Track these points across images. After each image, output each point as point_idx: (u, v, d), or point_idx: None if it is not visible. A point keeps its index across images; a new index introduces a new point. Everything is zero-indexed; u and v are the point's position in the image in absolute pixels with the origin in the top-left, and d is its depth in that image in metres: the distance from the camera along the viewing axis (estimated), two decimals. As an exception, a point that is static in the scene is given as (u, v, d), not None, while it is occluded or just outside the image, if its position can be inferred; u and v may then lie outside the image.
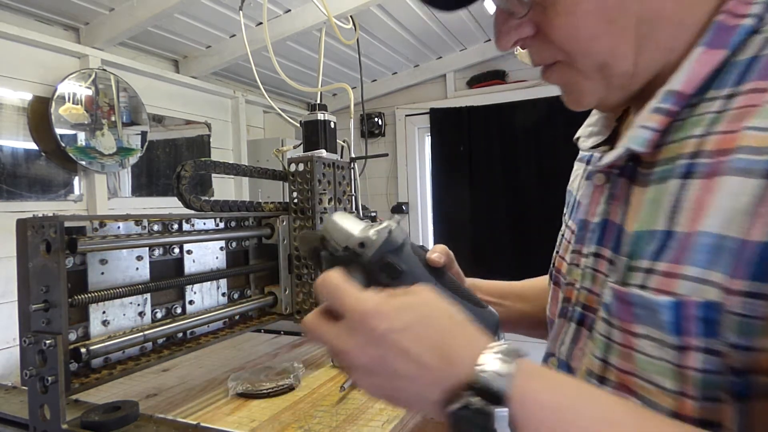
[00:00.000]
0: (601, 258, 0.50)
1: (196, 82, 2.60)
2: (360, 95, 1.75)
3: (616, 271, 0.46)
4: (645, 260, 0.43)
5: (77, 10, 1.96)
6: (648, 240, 0.43)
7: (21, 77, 1.86)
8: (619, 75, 0.46)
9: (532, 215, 3.07)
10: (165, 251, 1.00)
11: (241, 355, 1.32)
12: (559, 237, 0.67)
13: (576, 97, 0.50)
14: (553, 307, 0.62)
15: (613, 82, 0.47)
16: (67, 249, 0.77)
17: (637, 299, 0.42)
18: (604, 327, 0.46)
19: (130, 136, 2.19)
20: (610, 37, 0.44)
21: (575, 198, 0.62)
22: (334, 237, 0.48)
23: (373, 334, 0.39)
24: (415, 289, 0.43)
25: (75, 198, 2.06)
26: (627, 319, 0.43)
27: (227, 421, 0.90)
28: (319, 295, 0.43)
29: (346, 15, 1.97)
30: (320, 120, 1.27)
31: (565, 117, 2.95)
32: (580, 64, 0.46)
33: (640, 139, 0.45)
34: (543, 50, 0.48)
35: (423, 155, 3.58)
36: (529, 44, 0.49)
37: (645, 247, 0.43)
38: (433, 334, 0.39)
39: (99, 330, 0.86)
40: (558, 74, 0.49)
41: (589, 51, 0.45)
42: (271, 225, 1.21)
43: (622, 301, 0.44)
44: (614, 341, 0.45)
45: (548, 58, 0.49)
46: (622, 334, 0.44)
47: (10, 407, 0.91)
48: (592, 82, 0.47)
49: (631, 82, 0.47)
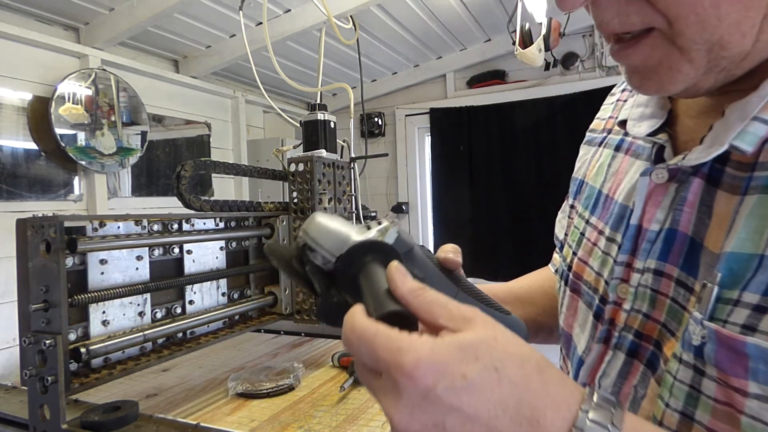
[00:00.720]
0: (665, 277, 0.41)
1: (196, 82, 2.60)
2: (360, 95, 1.75)
3: (699, 300, 0.36)
4: (750, 293, 0.33)
5: (77, 10, 1.96)
6: (751, 267, 0.34)
7: (21, 77, 1.86)
8: (730, 57, 0.35)
9: (532, 215, 3.07)
10: (165, 251, 1.00)
11: (241, 355, 1.32)
12: (570, 229, 0.58)
13: (661, 83, 0.37)
14: (570, 317, 0.54)
15: (719, 64, 0.35)
16: (67, 249, 0.77)
17: (755, 351, 0.32)
18: (688, 373, 0.37)
19: (130, 136, 2.19)
20: (740, 6, 0.32)
21: (600, 192, 0.53)
22: (323, 245, 0.38)
23: (427, 395, 0.28)
24: (470, 322, 0.31)
25: (75, 198, 2.06)
26: (734, 372, 0.34)
27: (227, 421, 0.90)
28: (350, 348, 0.32)
29: (346, 15, 1.97)
30: (320, 120, 1.27)
31: (565, 117, 2.96)
32: (684, 39, 0.34)
33: (752, 135, 0.35)
34: (629, 12, 0.35)
35: (423, 155, 3.58)
36: (605, 3, 0.36)
37: (747, 275, 0.34)
38: (508, 390, 0.29)
39: (99, 330, 0.86)
40: (648, 51, 0.36)
41: (708, 21, 0.33)
42: (271, 225, 1.21)
43: (729, 349, 0.34)
44: (705, 394, 0.36)
45: (636, 24, 0.36)
46: (720, 389, 0.35)
47: (10, 407, 0.91)
48: (692, 63, 0.35)
49: (739, 66, 0.35)
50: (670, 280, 0.41)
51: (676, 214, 0.41)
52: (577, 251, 0.54)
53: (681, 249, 0.40)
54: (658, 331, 0.41)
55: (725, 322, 0.34)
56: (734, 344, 0.33)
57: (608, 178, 0.53)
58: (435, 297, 0.33)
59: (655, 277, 0.42)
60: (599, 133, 0.59)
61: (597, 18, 0.37)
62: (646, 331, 0.43)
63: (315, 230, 0.38)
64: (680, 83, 0.37)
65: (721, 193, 0.38)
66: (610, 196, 0.51)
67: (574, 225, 0.57)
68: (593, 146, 0.60)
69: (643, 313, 0.43)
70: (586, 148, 0.61)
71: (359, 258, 0.37)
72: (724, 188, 0.38)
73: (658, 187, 0.43)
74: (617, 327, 0.45)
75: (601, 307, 0.48)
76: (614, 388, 0.45)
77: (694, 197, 0.40)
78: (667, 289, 0.41)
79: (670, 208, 0.41)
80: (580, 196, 0.58)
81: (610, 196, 0.51)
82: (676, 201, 0.41)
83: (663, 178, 0.42)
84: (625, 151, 0.52)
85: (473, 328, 0.31)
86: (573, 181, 0.63)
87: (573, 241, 0.56)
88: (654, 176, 0.43)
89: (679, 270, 0.40)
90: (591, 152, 0.59)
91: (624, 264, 0.45)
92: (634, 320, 0.43)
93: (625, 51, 0.38)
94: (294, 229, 1.20)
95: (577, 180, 0.61)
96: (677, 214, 0.40)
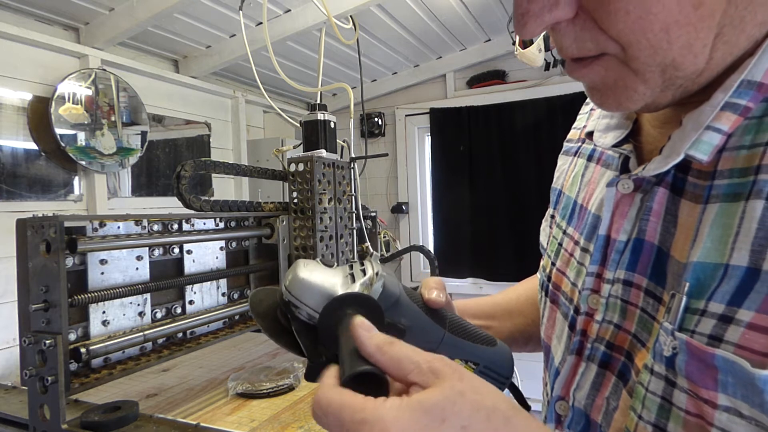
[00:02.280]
0: (635, 288, 0.41)
1: (196, 82, 2.60)
2: (360, 95, 1.74)
3: (668, 310, 0.37)
4: (715, 303, 0.34)
5: (77, 10, 1.96)
6: (717, 276, 0.34)
7: (21, 77, 1.86)
8: (684, 76, 0.35)
9: (531, 215, 3.07)
10: (165, 251, 1.00)
11: (241, 355, 1.32)
12: (549, 239, 0.59)
13: (619, 101, 0.38)
14: (549, 328, 0.54)
15: (674, 83, 0.36)
16: (67, 249, 0.77)
17: (724, 365, 0.32)
18: (659, 384, 0.37)
19: (130, 136, 2.19)
20: (690, 28, 0.32)
21: (575, 202, 0.54)
22: (307, 301, 0.37)
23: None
24: (439, 375, 0.32)
25: (75, 198, 2.06)
26: (704, 384, 0.34)
27: (227, 421, 0.90)
28: (319, 424, 0.32)
29: (346, 15, 1.97)
30: (320, 120, 1.27)
31: (565, 117, 2.96)
32: (638, 62, 0.35)
33: (706, 144, 0.36)
34: (585, 39, 0.36)
35: (423, 155, 3.58)
36: (564, 30, 0.37)
37: (713, 285, 0.34)
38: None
39: (99, 330, 0.86)
40: (602, 72, 0.37)
41: (659, 45, 0.33)
42: (271, 225, 1.21)
43: (698, 361, 0.34)
44: (676, 406, 0.36)
45: (591, 50, 0.36)
46: (691, 400, 0.35)
47: (10, 407, 0.91)
48: (647, 84, 0.36)
49: (695, 83, 0.36)
50: (639, 290, 0.41)
51: (643, 224, 0.41)
52: (555, 261, 0.55)
53: (648, 259, 0.40)
54: (629, 342, 0.41)
55: (693, 333, 0.34)
56: (703, 356, 0.33)
57: (582, 188, 0.53)
58: (403, 352, 0.33)
59: (625, 288, 0.42)
60: (575, 143, 0.60)
61: (557, 43, 0.38)
62: (618, 342, 0.42)
63: (297, 287, 0.37)
64: (638, 101, 0.37)
65: (685, 202, 0.38)
66: (584, 206, 0.51)
67: (553, 235, 0.58)
68: (569, 156, 0.60)
69: (615, 323, 0.43)
70: (563, 158, 0.62)
71: (338, 311, 0.36)
72: (687, 197, 0.38)
73: (625, 197, 0.43)
74: (590, 338, 0.45)
75: (574, 318, 0.48)
76: (587, 401, 0.44)
77: (659, 207, 0.40)
78: (637, 300, 0.41)
79: (637, 217, 0.42)
80: (558, 206, 0.59)
81: (584, 206, 0.51)
82: (642, 211, 0.41)
83: (629, 188, 0.43)
84: (597, 160, 0.52)
85: (441, 383, 0.31)
86: (552, 191, 0.63)
87: (552, 251, 0.57)
88: (620, 186, 0.43)
89: (647, 280, 0.40)
90: (567, 162, 0.60)
91: (594, 274, 0.45)
92: (606, 331, 0.43)
93: (580, 70, 0.38)
94: (294, 229, 1.20)
95: (555, 190, 0.61)
96: (643, 224, 0.41)
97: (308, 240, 1.18)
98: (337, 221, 1.25)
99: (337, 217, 1.25)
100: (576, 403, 0.46)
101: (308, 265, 0.39)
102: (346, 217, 1.29)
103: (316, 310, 0.37)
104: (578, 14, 0.35)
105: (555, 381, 0.49)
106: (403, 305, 0.40)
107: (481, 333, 0.47)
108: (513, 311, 0.68)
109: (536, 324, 0.65)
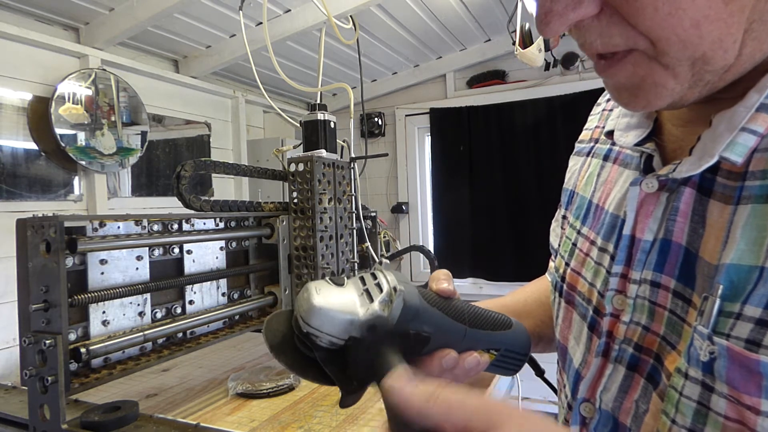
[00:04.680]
0: (662, 289, 0.41)
1: (196, 82, 2.60)
2: (360, 95, 1.74)
3: (701, 313, 0.36)
4: (751, 306, 0.33)
5: (77, 10, 1.96)
6: (752, 279, 0.33)
7: (21, 77, 1.86)
8: (714, 71, 0.34)
9: (532, 215, 3.07)
10: (165, 251, 1.00)
11: (241, 355, 1.32)
12: (562, 239, 0.59)
13: (647, 98, 0.37)
14: (565, 329, 0.53)
15: (703, 78, 0.35)
16: (67, 249, 0.77)
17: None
18: (695, 389, 0.36)
19: (130, 136, 2.19)
20: (721, 23, 0.32)
21: (590, 202, 0.53)
22: (328, 330, 0.35)
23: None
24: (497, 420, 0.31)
25: (75, 198, 2.06)
26: (747, 390, 0.33)
27: (227, 421, 0.90)
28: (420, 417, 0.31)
29: (346, 15, 1.97)
30: (320, 120, 1.27)
31: (565, 117, 2.96)
32: (668, 57, 0.34)
33: (741, 146, 0.35)
34: (612, 34, 0.35)
35: (423, 155, 3.58)
36: (589, 26, 0.36)
37: (748, 288, 0.33)
38: None
39: (99, 330, 0.86)
40: (631, 69, 0.36)
41: (690, 40, 0.33)
42: (271, 225, 1.21)
43: (742, 367, 0.33)
44: (714, 411, 0.35)
45: (619, 45, 0.35)
46: (732, 406, 0.34)
47: (10, 407, 0.91)
48: (677, 79, 0.35)
49: (722, 78, 0.35)
50: (667, 291, 0.40)
51: (669, 224, 0.40)
52: (569, 262, 0.54)
53: (676, 259, 0.40)
54: (658, 344, 0.41)
55: (729, 336, 0.34)
56: (747, 362, 0.33)
57: (598, 187, 0.52)
58: (451, 400, 0.31)
59: (652, 289, 0.41)
60: (587, 143, 0.60)
61: (579, 39, 0.37)
62: (646, 344, 0.42)
63: (315, 317, 0.35)
64: (667, 98, 0.37)
65: (714, 203, 0.37)
66: (601, 205, 0.50)
67: (566, 235, 0.57)
68: (581, 156, 0.60)
69: (643, 325, 0.42)
70: (575, 158, 0.61)
71: (369, 349, 0.35)
72: (716, 198, 0.37)
73: (649, 196, 0.42)
74: (616, 340, 0.44)
75: (595, 319, 0.47)
76: (615, 403, 0.44)
77: (686, 207, 0.39)
78: (665, 301, 0.40)
79: (663, 217, 0.41)
80: (571, 207, 0.58)
81: (600, 206, 0.51)
82: (668, 211, 0.41)
83: (653, 187, 0.42)
84: (614, 160, 0.52)
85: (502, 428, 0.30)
86: (564, 191, 0.62)
87: (565, 251, 0.56)
88: (644, 186, 0.42)
89: (675, 281, 0.40)
90: (580, 162, 0.59)
91: (619, 275, 0.44)
92: (634, 333, 0.43)
93: (610, 69, 0.38)
94: (294, 229, 1.20)
95: (567, 191, 0.61)
96: (670, 224, 0.40)
97: (308, 240, 1.18)
98: (337, 221, 1.25)
99: (337, 217, 1.25)
100: (603, 405, 0.45)
101: (320, 289, 0.37)
102: (346, 217, 1.29)
103: (340, 338, 0.35)
104: (603, 10, 0.35)
105: (577, 383, 0.49)
106: (424, 313, 0.39)
107: (498, 317, 0.47)
108: (521, 313, 0.67)
109: (546, 325, 0.65)
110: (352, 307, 0.36)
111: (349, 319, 0.35)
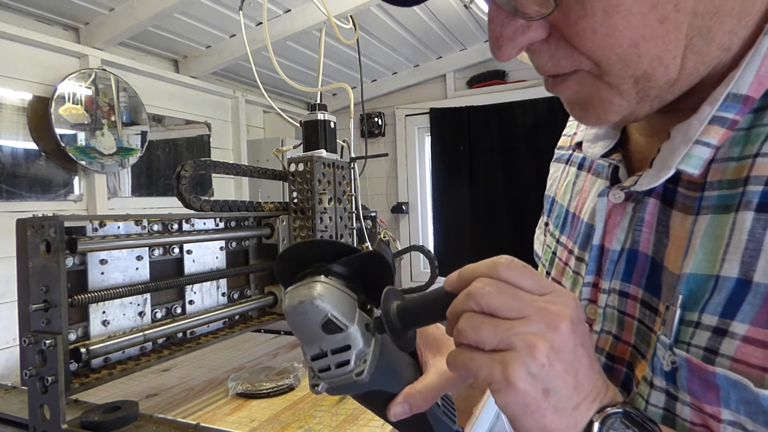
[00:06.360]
0: (630, 299, 0.42)
1: (196, 82, 2.60)
2: (360, 95, 1.74)
3: (664, 322, 0.37)
4: (708, 315, 0.34)
5: (77, 10, 1.96)
6: (708, 288, 0.34)
7: (21, 77, 1.86)
8: (658, 86, 0.36)
9: (531, 215, 3.06)
10: (165, 251, 1.00)
11: (241, 355, 1.32)
12: (544, 247, 0.59)
13: (597, 114, 0.38)
14: None
15: (648, 94, 0.36)
16: (67, 249, 0.77)
17: (726, 383, 0.33)
18: (661, 397, 0.37)
19: (130, 136, 2.19)
20: (658, 41, 0.33)
21: (567, 211, 0.54)
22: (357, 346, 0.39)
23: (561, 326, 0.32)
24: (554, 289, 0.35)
25: (75, 198, 2.06)
26: (707, 400, 0.34)
27: (227, 421, 0.91)
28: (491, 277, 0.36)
29: (346, 15, 1.97)
30: (320, 120, 1.27)
31: (565, 117, 2.95)
32: (611, 76, 0.35)
33: (696, 159, 0.36)
34: (559, 57, 0.37)
35: (423, 155, 3.58)
36: (539, 50, 0.37)
37: (705, 296, 0.34)
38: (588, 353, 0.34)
39: (99, 330, 0.86)
40: (577, 86, 0.38)
41: (629, 59, 0.34)
42: (271, 225, 1.21)
43: (700, 378, 0.34)
44: (681, 417, 0.36)
45: (566, 67, 0.37)
46: (696, 413, 0.35)
47: (10, 407, 0.91)
48: (622, 96, 0.37)
49: (669, 92, 0.36)
50: (635, 301, 0.41)
51: (636, 234, 0.41)
52: (550, 270, 0.54)
53: (643, 269, 0.41)
54: (630, 353, 0.41)
55: (689, 345, 0.35)
56: (704, 374, 0.33)
57: (574, 196, 0.53)
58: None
59: (621, 299, 0.42)
60: (566, 150, 0.60)
61: (534, 62, 0.39)
62: (618, 353, 0.42)
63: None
64: (616, 114, 0.38)
65: (676, 213, 0.38)
66: (577, 214, 0.51)
67: (547, 244, 0.58)
68: (561, 163, 0.60)
69: (613, 334, 0.43)
70: (555, 165, 0.62)
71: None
72: (678, 208, 0.38)
73: (616, 206, 0.43)
74: None
75: None
76: None
77: (651, 217, 0.40)
78: (633, 311, 0.41)
79: (630, 227, 0.42)
80: (552, 214, 0.59)
81: (576, 215, 0.51)
82: (634, 221, 0.41)
83: (620, 198, 0.43)
84: (588, 169, 0.52)
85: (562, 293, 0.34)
86: (546, 198, 0.63)
87: (546, 260, 0.57)
88: (611, 196, 0.43)
89: (642, 291, 0.40)
90: (560, 170, 0.60)
91: (591, 284, 0.45)
92: (606, 342, 0.43)
93: (557, 87, 0.39)
94: (294, 229, 1.20)
95: (549, 197, 0.61)
96: (637, 234, 0.41)
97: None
98: (337, 221, 1.25)
99: (337, 217, 1.25)
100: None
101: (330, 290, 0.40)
102: (346, 217, 1.29)
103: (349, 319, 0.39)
104: (551, 34, 0.36)
105: None
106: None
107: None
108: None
109: None
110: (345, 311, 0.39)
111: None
